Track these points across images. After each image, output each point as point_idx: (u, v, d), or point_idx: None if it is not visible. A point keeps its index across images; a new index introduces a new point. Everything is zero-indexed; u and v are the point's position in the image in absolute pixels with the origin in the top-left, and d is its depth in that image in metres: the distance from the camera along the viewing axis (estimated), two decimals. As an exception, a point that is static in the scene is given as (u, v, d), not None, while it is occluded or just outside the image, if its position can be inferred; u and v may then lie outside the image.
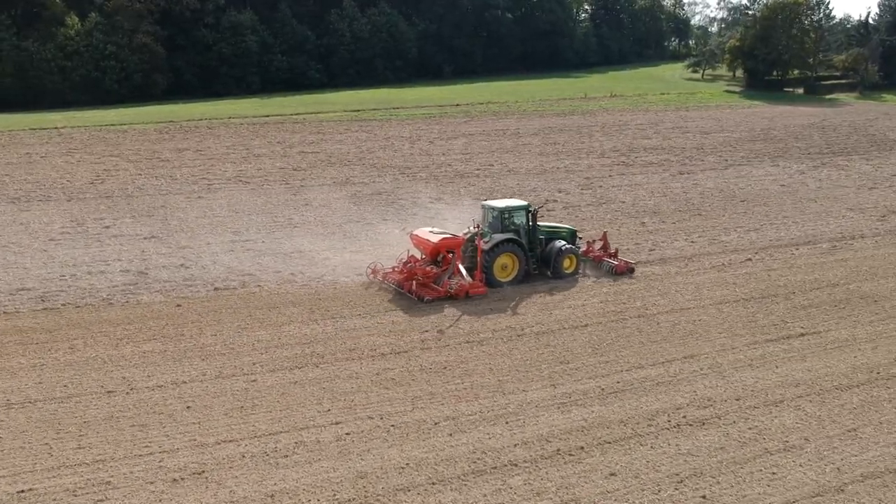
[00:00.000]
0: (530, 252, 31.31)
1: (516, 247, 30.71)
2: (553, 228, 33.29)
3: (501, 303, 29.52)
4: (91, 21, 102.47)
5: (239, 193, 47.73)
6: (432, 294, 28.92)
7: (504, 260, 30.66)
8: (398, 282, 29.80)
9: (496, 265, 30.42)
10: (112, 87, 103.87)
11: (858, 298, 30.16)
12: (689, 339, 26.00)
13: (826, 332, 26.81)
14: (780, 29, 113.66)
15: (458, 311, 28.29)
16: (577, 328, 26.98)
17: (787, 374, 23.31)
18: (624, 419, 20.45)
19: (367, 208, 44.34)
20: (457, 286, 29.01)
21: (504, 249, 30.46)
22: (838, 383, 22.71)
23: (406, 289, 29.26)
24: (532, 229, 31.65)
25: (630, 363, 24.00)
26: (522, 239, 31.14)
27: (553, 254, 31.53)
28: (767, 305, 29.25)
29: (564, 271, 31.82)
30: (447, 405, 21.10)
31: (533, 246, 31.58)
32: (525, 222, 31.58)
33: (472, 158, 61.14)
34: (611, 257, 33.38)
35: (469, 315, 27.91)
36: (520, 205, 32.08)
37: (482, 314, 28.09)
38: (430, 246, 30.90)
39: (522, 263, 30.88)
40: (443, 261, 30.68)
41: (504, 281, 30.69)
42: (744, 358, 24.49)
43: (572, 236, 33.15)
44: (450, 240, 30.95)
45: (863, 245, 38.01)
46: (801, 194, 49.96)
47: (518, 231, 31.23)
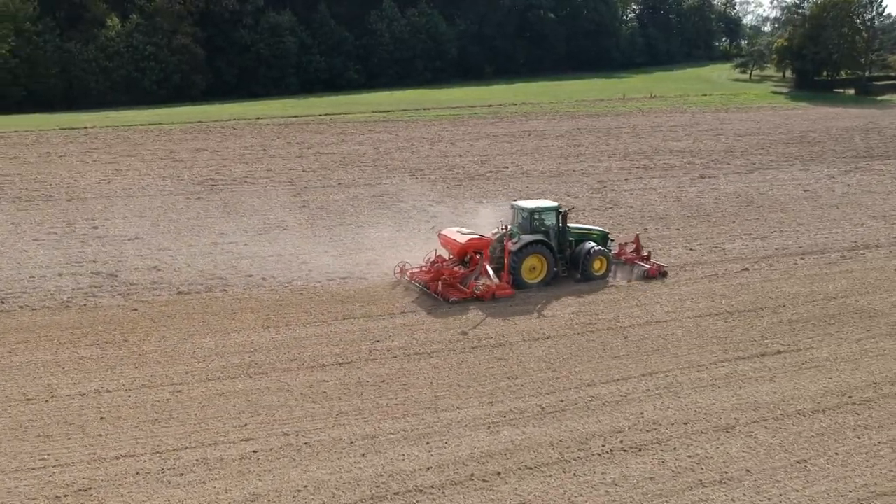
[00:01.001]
0: (559, 254, 30.66)
1: (545, 248, 30.02)
2: (584, 230, 32.44)
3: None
4: (132, 22, 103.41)
5: (240, 194, 47.16)
6: (458, 295, 28.46)
7: (532, 261, 30.03)
8: (425, 282, 29.27)
9: (524, 267, 29.77)
10: (151, 87, 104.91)
11: (853, 313, 28.10)
12: (654, 354, 24.35)
13: (806, 349, 24.92)
14: (829, 28, 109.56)
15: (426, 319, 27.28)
16: (539, 340, 25.54)
17: (749, 395, 21.57)
18: (555, 442, 19.00)
19: (365, 211, 43.39)
20: (483, 287, 28.37)
21: (532, 251, 29.82)
22: (802, 408, 20.90)
23: (432, 289, 28.71)
24: (562, 231, 30.87)
25: (582, 380, 22.51)
26: (552, 240, 30.38)
27: (582, 256, 30.73)
28: (750, 320, 27.41)
29: (594, 273, 30.98)
30: (371, 422, 19.90)
31: (562, 248, 30.88)
32: (555, 223, 30.78)
33: (489, 160, 59.78)
34: (643, 260, 32.41)
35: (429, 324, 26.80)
36: (550, 206, 31.31)
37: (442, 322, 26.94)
38: (457, 246, 30.53)
39: (551, 265, 30.17)
40: (470, 261, 30.24)
41: (532, 283, 30.05)
42: (707, 377, 22.77)
43: (604, 238, 32.36)
44: (477, 240, 30.55)
45: (875, 255, 35.71)
46: (823, 200, 47.52)
47: (548, 232, 30.51)
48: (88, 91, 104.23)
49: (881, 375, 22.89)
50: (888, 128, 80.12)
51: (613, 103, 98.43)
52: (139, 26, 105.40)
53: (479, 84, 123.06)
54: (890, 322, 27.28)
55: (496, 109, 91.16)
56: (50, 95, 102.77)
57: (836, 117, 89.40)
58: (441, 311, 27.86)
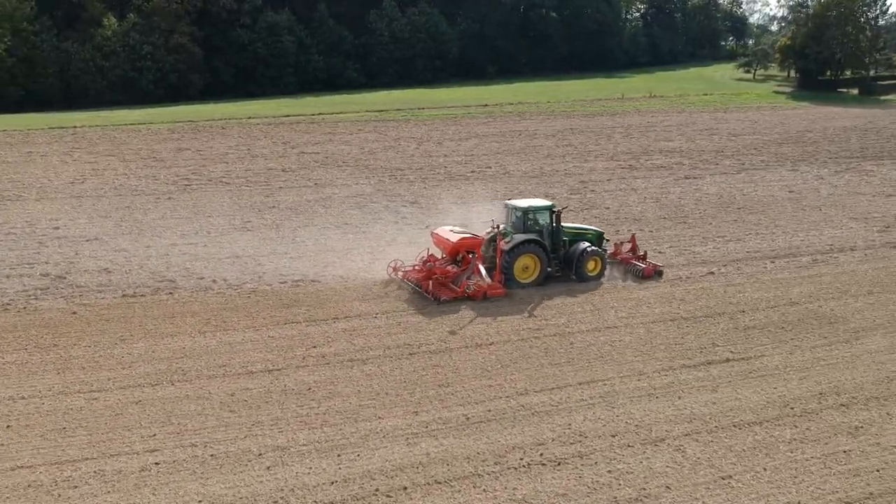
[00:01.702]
0: (553, 254, 30.27)
1: (538, 248, 29.61)
2: (578, 230, 32.03)
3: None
4: (129, 22, 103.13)
5: (212, 194, 46.58)
6: (449, 294, 28.18)
7: (525, 261, 29.65)
8: (417, 280, 28.98)
9: (517, 266, 29.44)
10: (148, 87, 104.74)
11: (813, 320, 27.14)
12: (597, 362, 23.49)
13: (756, 357, 23.99)
14: (833, 26, 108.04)
15: (369, 325, 26.64)
16: (481, 346, 24.71)
17: (686, 406, 20.68)
18: (472, 455, 18.19)
19: (334, 212, 42.70)
20: (474, 287, 28.04)
21: (525, 250, 29.43)
22: (740, 419, 19.98)
23: (424, 288, 28.36)
24: (556, 230, 30.41)
25: (516, 388, 21.68)
26: (545, 240, 30.00)
27: (576, 255, 30.26)
28: (705, 326, 26.50)
29: (588, 274, 30.57)
30: (286, 433, 19.14)
31: (556, 247, 30.52)
32: (549, 223, 30.34)
33: (473, 160, 59.04)
34: (639, 260, 31.90)
35: (371, 330, 26.08)
36: (543, 205, 30.93)
37: (385, 328, 26.22)
38: (449, 245, 30.30)
39: (544, 265, 29.76)
40: (462, 261, 29.89)
41: (525, 282, 29.68)
42: (647, 386, 21.88)
43: (599, 238, 32.00)
44: (469, 239, 30.34)
45: (848, 259, 34.70)
46: (807, 202, 46.47)
47: (541, 232, 30.10)
48: (86, 91, 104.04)
49: (828, 385, 21.94)
50: (887, 128, 78.85)
51: (611, 103, 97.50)
52: (136, 25, 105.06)
53: (480, 84, 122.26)
54: (849, 329, 26.29)
55: (491, 109, 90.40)
56: (48, 95, 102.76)
57: (835, 117, 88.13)
58: (387, 317, 27.11)
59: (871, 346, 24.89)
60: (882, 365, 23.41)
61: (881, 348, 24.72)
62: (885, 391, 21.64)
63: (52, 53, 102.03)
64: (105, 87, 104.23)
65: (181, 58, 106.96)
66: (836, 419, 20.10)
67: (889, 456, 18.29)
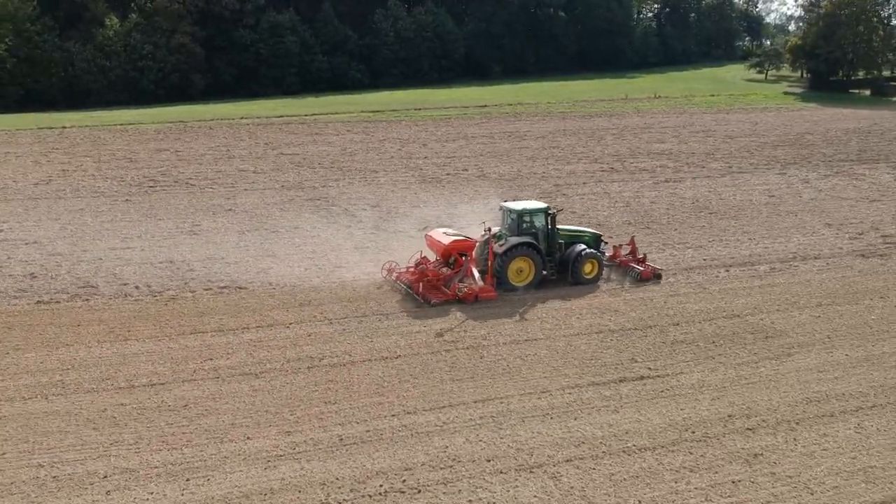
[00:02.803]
0: (548, 256, 29.67)
1: (532, 250, 29.10)
2: (575, 232, 31.43)
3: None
4: (130, 22, 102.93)
5: (172, 196, 45.75)
6: (440, 297, 27.78)
7: (519, 264, 29.12)
8: (409, 282, 28.63)
9: (511, 269, 28.91)
10: (149, 87, 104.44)
11: (749, 333, 25.64)
12: (502, 378, 22.17)
13: (676, 374, 22.55)
14: (844, 26, 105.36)
15: (279, 335, 25.66)
16: (386, 359, 23.52)
17: (580, 428, 19.34)
18: (330, 481, 16.99)
19: (290, 215, 41.70)
20: (466, 290, 27.61)
21: (519, 253, 28.90)
22: (633, 444, 18.60)
23: (415, 290, 27.97)
24: (551, 232, 29.73)
25: (406, 406, 20.42)
26: (541, 242, 29.39)
27: (572, 258, 29.68)
28: (631, 339, 25.07)
29: (584, 277, 30.02)
30: (143, 454, 18.07)
31: (552, 250, 29.84)
32: (544, 225, 29.73)
33: (452, 162, 57.82)
34: (638, 263, 31.23)
35: (278, 341, 25.11)
36: (538, 207, 30.30)
37: (292, 340, 25.16)
38: (441, 247, 29.92)
39: (539, 268, 29.23)
40: (455, 263, 29.46)
41: (519, 286, 29.16)
42: (546, 405, 20.55)
43: (596, 241, 31.34)
44: (462, 242, 29.97)
45: (808, 268, 33.08)
46: (785, 206, 44.74)
47: (536, 234, 29.46)
48: (88, 91, 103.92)
49: (741, 407, 20.48)
50: (891, 130, 76.65)
51: (613, 104, 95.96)
52: (137, 26, 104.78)
53: (485, 84, 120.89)
54: (784, 344, 24.77)
55: (488, 110, 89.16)
56: (50, 95, 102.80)
57: (841, 119, 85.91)
58: (300, 327, 26.06)
59: (801, 364, 23.34)
60: (806, 385, 21.88)
61: (811, 366, 23.16)
62: (799, 414, 20.14)
63: (53, 53, 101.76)
64: (106, 88, 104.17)
65: (183, 58, 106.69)
66: (736, 445, 18.64)
67: (781, 487, 16.84)
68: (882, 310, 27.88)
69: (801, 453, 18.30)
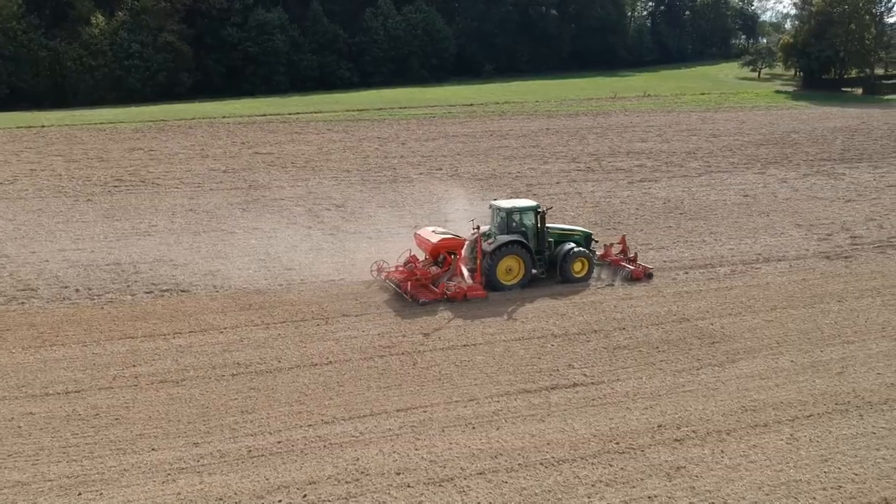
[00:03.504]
0: (538, 255, 29.50)
1: (522, 249, 28.79)
2: (565, 231, 31.22)
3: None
4: (117, 20, 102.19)
5: (135, 196, 45.13)
6: (429, 296, 27.59)
7: (509, 262, 28.91)
8: (398, 281, 28.42)
9: (500, 268, 28.71)
10: (136, 86, 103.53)
11: (696, 338, 24.87)
12: (432, 385, 21.45)
13: (611, 382, 21.77)
14: (836, 24, 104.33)
15: (211, 341, 24.99)
16: (316, 366, 22.81)
17: (501, 439, 18.63)
18: (227, 496, 16.31)
19: (251, 216, 41.10)
20: (454, 288, 27.43)
21: (508, 252, 28.67)
22: (552, 456, 17.95)
23: (403, 289, 27.81)
24: (541, 231, 29.39)
25: (325, 416, 19.70)
26: (530, 241, 29.09)
27: (561, 257, 29.49)
28: (573, 345, 24.31)
29: (574, 275, 29.82)
30: (39, 466, 17.41)
31: (541, 248, 29.62)
32: (534, 223, 29.44)
33: (428, 162, 57.11)
34: (630, 262, 30.92)
35: (209, 346, 24.41)
36: (528, 205, 30.05)
37: (222, 346, 24.48)
38: (430, 246, 29.53)
39: (528, 266, 29.02)
40: (443, 262, 29.22)
41: (509, 284, 28.95)
42: (470, 414, 19.80)
43: (587, 240, 31.17)
44: (450, 240, 29.61)
45: (770, 271, 32.32)
46: (758, 207, 43.93)
47: (526, 233, 29.20)
48: (75, 89, 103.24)
49: (673, 416, 19.71)
50: (878, 129, 75.73)
51: (601, 103, 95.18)
52: (124, 24, 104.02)
53: (476, 83, 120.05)
54: (730, 350, 24.03)
55: (474, 109, 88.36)
56: (36, 93, 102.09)
57: (829, 117, 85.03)
58: (236, 331, 25.36)
59: (743, 371, 22.56)
60: (745, 393, 21.09)
61: (753, 373, 22.39)
62: (732, 424, 19.37)
63: (39, 52, 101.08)
64: (93, 87, 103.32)
65: (170, 57, 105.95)
66: (661, 457, 17.86)
67: (697, 503, 15.98)
68: (837, 314, 27.07)
69: (727, 466, 17.51)
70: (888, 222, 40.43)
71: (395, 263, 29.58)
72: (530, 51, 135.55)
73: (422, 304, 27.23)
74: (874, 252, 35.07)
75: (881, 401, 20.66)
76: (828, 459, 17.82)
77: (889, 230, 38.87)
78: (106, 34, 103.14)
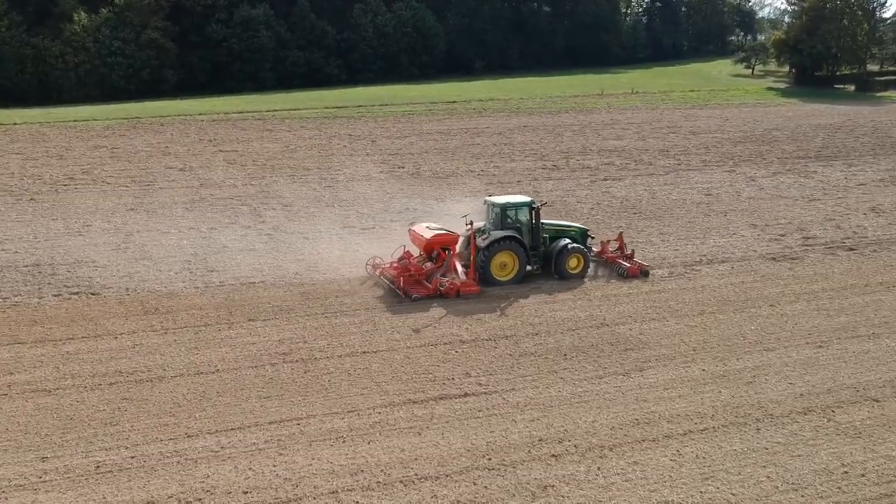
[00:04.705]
0: (533, 251, 29.25)
1: (516, 245, 28.68)
2: (560, 227, 31.11)
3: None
4: (100, 17, 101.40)
5: (81, 195, 44.32)
6: (422, 292, 27.47)
7: (503, 258, 28.83)
8: (392, 277, 28.25)
9: (494, 264, 28.66)
10: (119, 83, 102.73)
11: (609, 345, 23.78)
12: (316, 395, 20.45)
13: (505, 391, 20.68)
14: (828, 20, 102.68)
15: (105, 347, 24.06)
16: (202, 374, 21.99)
17: (370, 454, 17.60)
18: (55, 516, 15.09)
19: (193, 215, 40.36)
20: (448, 284, 27.31)
21: (502, 247, 28.60)
22: (416, 473, 16.98)
23: (396, 285, 27.67)
24: (535, 227, 29.09)
25: (191, 429, 18.78)
26: (525, 237, 28.93)
27: (555, 253, 29.23)
28: (478, 351, 23.26)
29: (569, 272, 29.67)
30: None
31: (536, 244, 29.32)
32: (528, 219, 29.27)
33: (392, 160, 56.45)
34: (626, 259, 30.57)
35: (100, 353, 23.48)
36: (522, 201, 29.83)
37: (113, 352, 23.55)
38: (423, 242, 29.49)
39: (523, 262, 28.87)
40: (437, 258, 29.04)
41: (503, 280, 28.82)
42: (345, 427, 18.78)
43: (583, 236, 30.95)
44: (444, 236, 29.49)
45: (710, 272, 31.31)
46: (718, 206, 42.78)
47: (520, 229, 29.05)
48: (59, 86, 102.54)
49: (558, 430, 18.66)
50: (861, 126, 74.32)
51: (587, 100, 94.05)
52: (108, 21, 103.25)
53: (466, 80, 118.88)
54: (643, 357, 22.95)
55: (456, 106, 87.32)
56: (21, 91, 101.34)
57: (816, 115, 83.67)
58: (132, 337, 24.45)
59: (649, 380, 21.45)
60: (643, 404, 19.95)
61: (659, 383, 21.25)
62: (619, 438, 18.27)
63: (22, 49, 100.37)
64: (76, 84, 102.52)
65: (153, 53, 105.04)
66: (531, 475, 16.80)
67: (554, 527, 14.86)
68: (765, 319, 25.92)
69: (599, 485, 16.39)
70: (847, 222, 39.13)
71: (390, 260, 29.45)
72: (522, 48, 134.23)
73: (414, 300, 26.92)
74: (823, 254, 33.83)
75: (784, 413, 19.47)
76: (709, 478, 16.66)
77: (845, 230, 37.62)
78: (89, 31, 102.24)
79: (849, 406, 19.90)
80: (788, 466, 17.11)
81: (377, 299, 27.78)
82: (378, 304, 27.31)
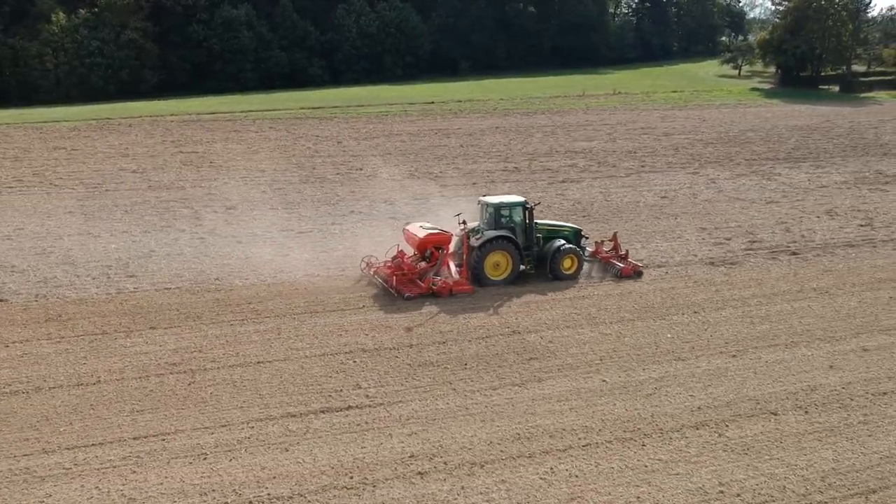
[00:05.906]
0: (526, 251, 29.27)
1: (509, 244, 28.64)
2: (554, 227, 31.01)
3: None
4: (79, 17, 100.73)
5: (23, 198, 43.62)
6: (414, 291, 27.46)
7: (496, 258, 28.79)
8: (385, 276, 28.28)
9: (488, 263, 28.61)
10: (98, 83, 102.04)
11: (514, 353, 23.09)
12: (193, 408, 19.71)
13: (392, 404, 19.89)
14: (812, 20, 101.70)
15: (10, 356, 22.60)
16: (82, 386, 21.30)
17: (225, 472, 16.83)
18: None
19: (130, 218, 39.62)
20: (440, 283, 27.31)
21: (495, 247, 28.58)
22: (270, 493, 16.12)
23: (389, 284, 27.65)
24: (529, 227, 29.17)
25: (48, 445, 18.14)
26: (519, 237, 28.92)
27: (550, 253, 29.16)
28: (376, 361, 22.55)
29: (564, 272, 29.61)
30: None
31: (529, 244, 29.37)
32: (522, 219, 29.33)
33: (353, 161, 55.59)
34: (620, 259, 30.49)
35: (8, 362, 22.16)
36: (516, 201, 29.85)
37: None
38: (416, 241, 29.33)
39: (516, 262, 28.86)
40: (431, 257, 29.02)
41: (497, 280, 28.77)
42: (210, 443, 18.00)
43: (577, 235, 30.82)
44: (437, 235, 29.35)
45: (644, 278, 30.14)
46: (671, 209, 42.01)
47: (514, 228, 29.07)
48: (38, 87, 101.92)
49: (434, 444, 17.90)
50: (838, 128, 73.42)
51: (567, 100, 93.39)
52: (87, 21, 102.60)
53: (450, 80, 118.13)
54: (546, 367, 22.19)
55: (432, 107, 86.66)
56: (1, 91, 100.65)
57: (795, 115, 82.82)
58: (21, 346, 23.65)
59: (545, 391, 20.66)
60: (531, 417, 19.11)
61: (554, 394, 20.44)
62: (494, 454, 17.51)
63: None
64: (55, 84, 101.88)
65: (133, 54, 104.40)
66: (390, 493, 16.01)
67: (394, 552, 13.99)
68: (685, 326, 25.09)
69: (458, 506, 15.45)
70: (798, 226, 38.27)
71: (383, 259, 29.32)
72: (509, 48, 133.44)
73: (406, 299, 26.91)
74: (765, 258, 32.98)
75: (676, 427, 18.63)
76: (576, 498, 15.83)
77: (794, 234, 36.76)
78: (67, 31, 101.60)
79: (745, 420, 19.02)
80: (662, 486, 16.21)
81: (289, 306, 26.95)
82: (288, 311, 26.50)
